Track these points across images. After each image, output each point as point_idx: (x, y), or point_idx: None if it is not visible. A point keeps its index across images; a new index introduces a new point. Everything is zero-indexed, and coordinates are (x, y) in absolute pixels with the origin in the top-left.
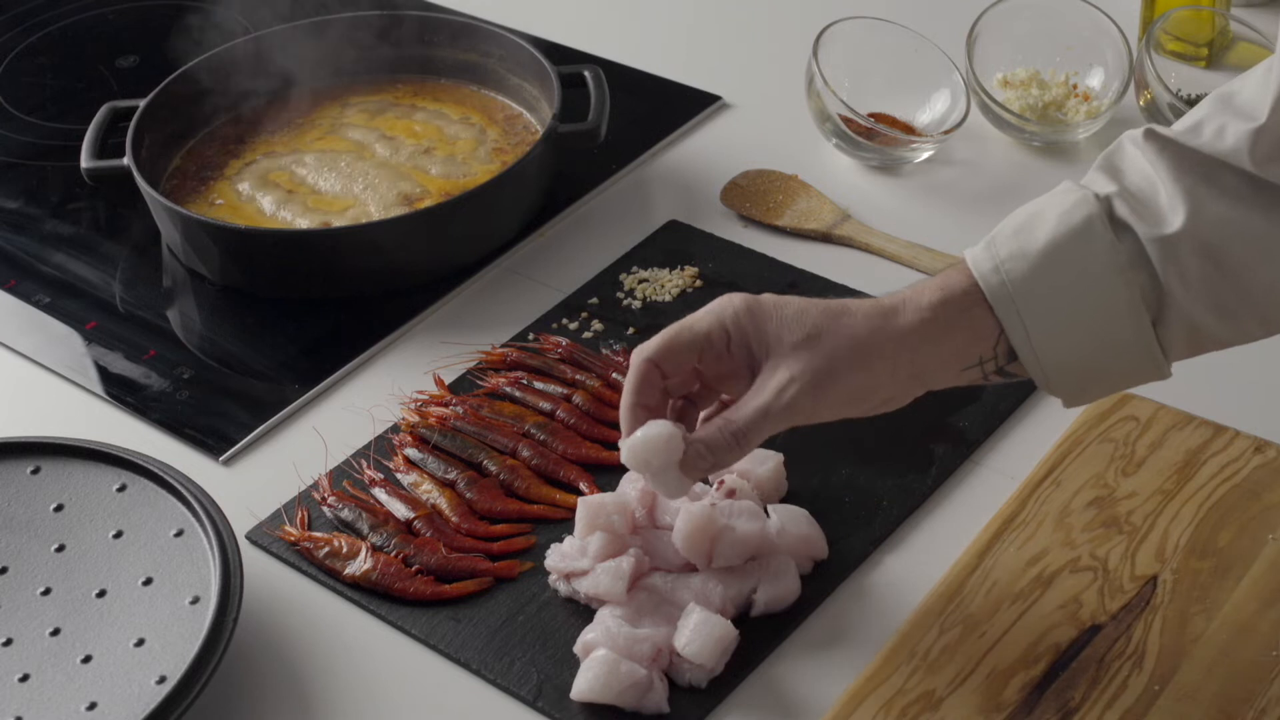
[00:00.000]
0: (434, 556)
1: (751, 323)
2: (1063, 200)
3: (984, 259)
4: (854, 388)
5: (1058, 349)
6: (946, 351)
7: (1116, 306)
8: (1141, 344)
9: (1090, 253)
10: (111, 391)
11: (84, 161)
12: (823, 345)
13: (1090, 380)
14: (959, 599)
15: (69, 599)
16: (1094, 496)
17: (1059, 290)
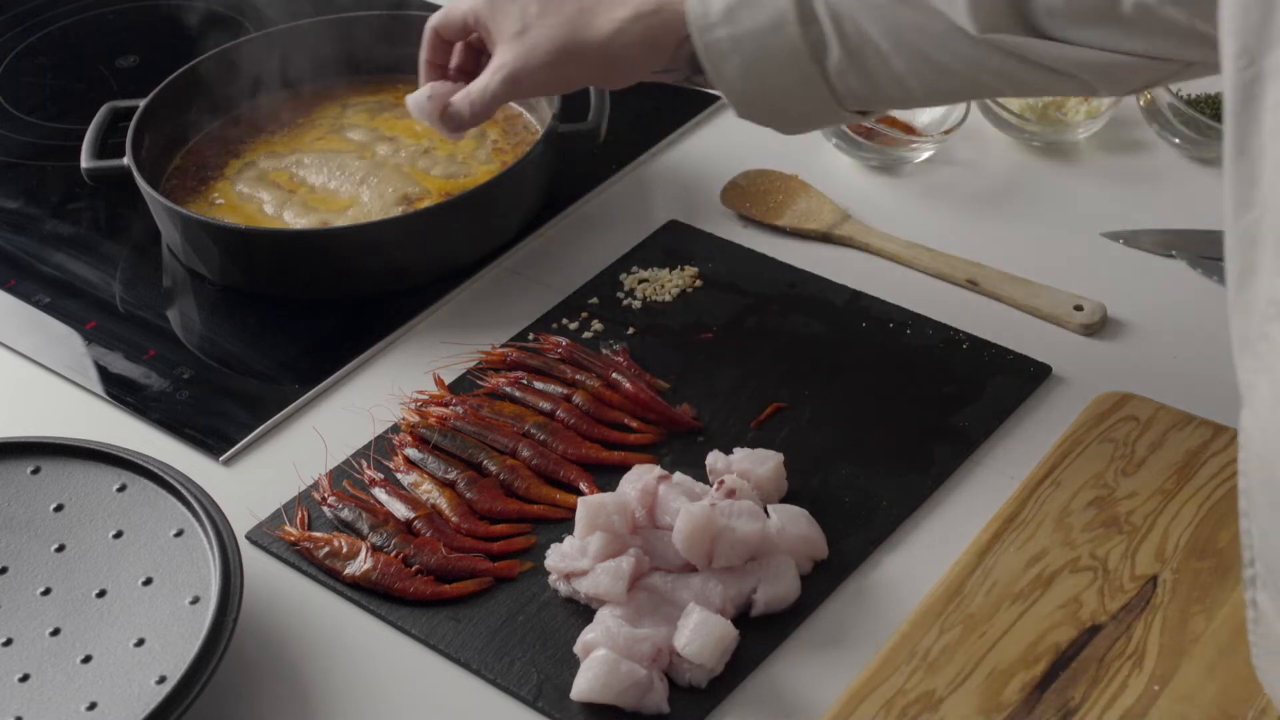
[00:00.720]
0: (434, 556)
1: (488, 10)
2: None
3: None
4: (546, 82)
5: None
6: (632, 58)
7: (786, 52)
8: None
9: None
10: (111, 391)
11: (84, 161)
12: (526, 39)
13: (773, 109)
14: (959, 599)
15: (69, 599)
16: (1094, 496)
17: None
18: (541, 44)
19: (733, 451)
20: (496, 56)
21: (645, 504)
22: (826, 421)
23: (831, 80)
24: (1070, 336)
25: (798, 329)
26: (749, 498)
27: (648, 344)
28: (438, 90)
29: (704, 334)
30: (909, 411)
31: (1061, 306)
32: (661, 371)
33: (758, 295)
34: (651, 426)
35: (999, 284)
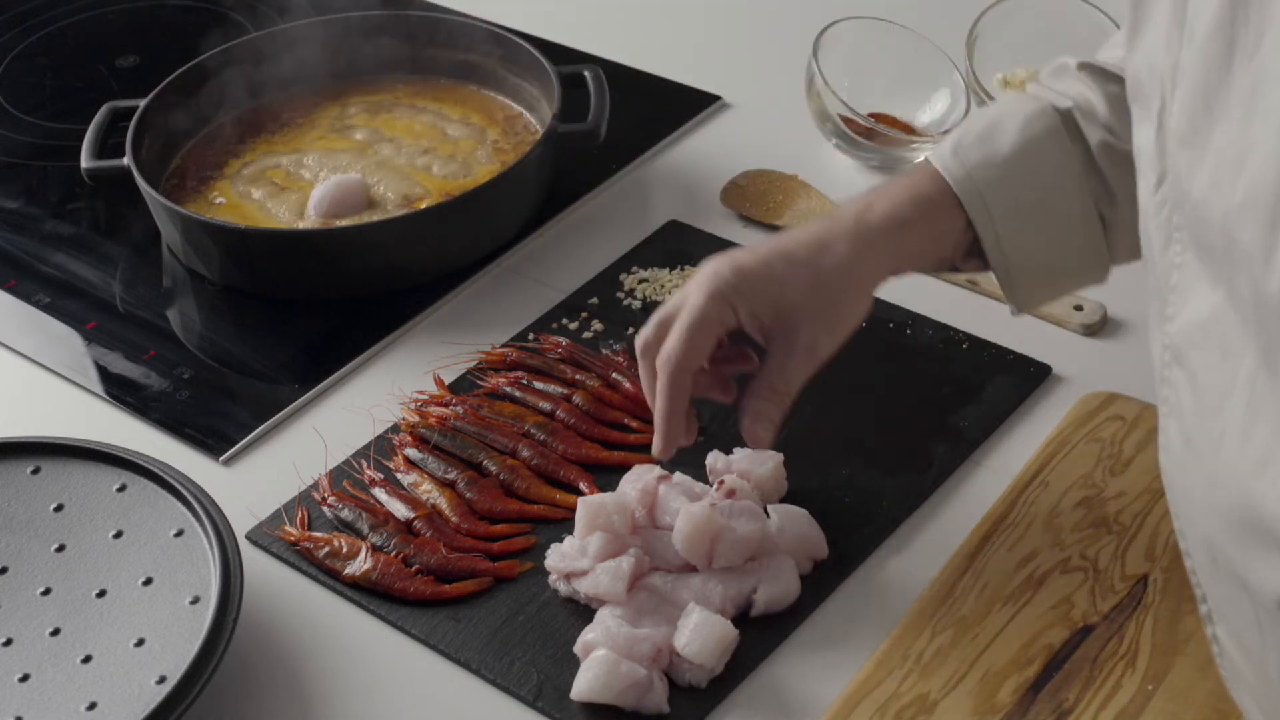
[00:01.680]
0: (434, 556)
1: (753, 293)
2: (1022, 109)
3: (954, 165)
4: (857, 311)
5: (1021, 248)
6: (917, 255)
7: (1075, 210)
8: (1094, 245)
9: (1052, 159)
10: (111, 391)
11: (84, 161)
12: (826, 291)
13: (1045, 280)
14: (950, 601)
15: (69, 599)
16: (1082, 496)
17: (1024, 193)
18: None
19: (733, 451)
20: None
21: (645, 504)
22: (826, 421)
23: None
24: (1070, 336)
25: None
26: (749, 498)
27: None
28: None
29: None
30: (909, 411)
31: (1061, 306)
32: None
33: None
34: (651, 426)
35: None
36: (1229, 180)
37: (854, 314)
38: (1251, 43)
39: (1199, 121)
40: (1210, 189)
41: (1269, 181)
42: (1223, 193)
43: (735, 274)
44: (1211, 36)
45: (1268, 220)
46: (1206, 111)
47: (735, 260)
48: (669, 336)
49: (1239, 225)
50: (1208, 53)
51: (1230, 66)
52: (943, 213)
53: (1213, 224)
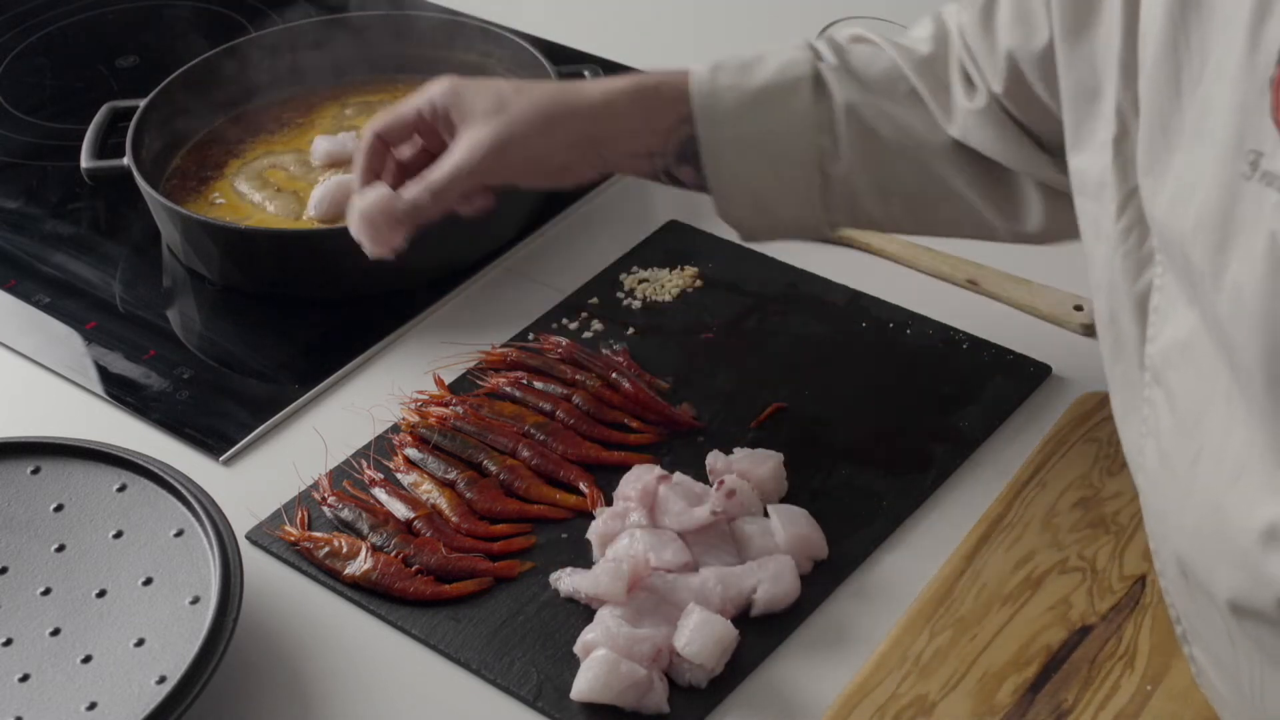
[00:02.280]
0: (434, 556)
1: (454, 97)
2: (786, 54)
3: (706, 78)
4: (532, 151)
5: (736, 174)
6: (622, 129)
7: (794, 158)
8: (807, 197)
9: (788, 108)
10: (111, 391)
11: (84, 161)
12: (508, 111)
13: (755, 211)
14: (949, 602)
15: (69, 599)
16: (1080, 497)
17: (752, 127)
18: (526, 112)
19: (733, 451)
20: (468, 134)
21: (645, 504)
22: (826, 421)
23: (831, 188)
24: (1070, 336)
25: (798, 329)
26: (749, 498)
27: (648, 344)
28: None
29: (704, 334)
30: (909, 411)
31: (1061, 306)
32: (661, 371)
33: (758, 295)
34: (651, 426)
35: (999, 284)
36: (1183, 205)
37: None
38: (1196, 71)
39: (1157, 148)
40: (1169, 213)
41: (1213, 204)
42: (1179, 217)
43: (449, 80)
44: (1158, 65)
45: (1215, 242)
46: (1164, 139)
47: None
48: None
49: (1192, 248)
50: (1157, 83)
51: (1179, 94)
52: (666, 104)
53: (1174, 247)
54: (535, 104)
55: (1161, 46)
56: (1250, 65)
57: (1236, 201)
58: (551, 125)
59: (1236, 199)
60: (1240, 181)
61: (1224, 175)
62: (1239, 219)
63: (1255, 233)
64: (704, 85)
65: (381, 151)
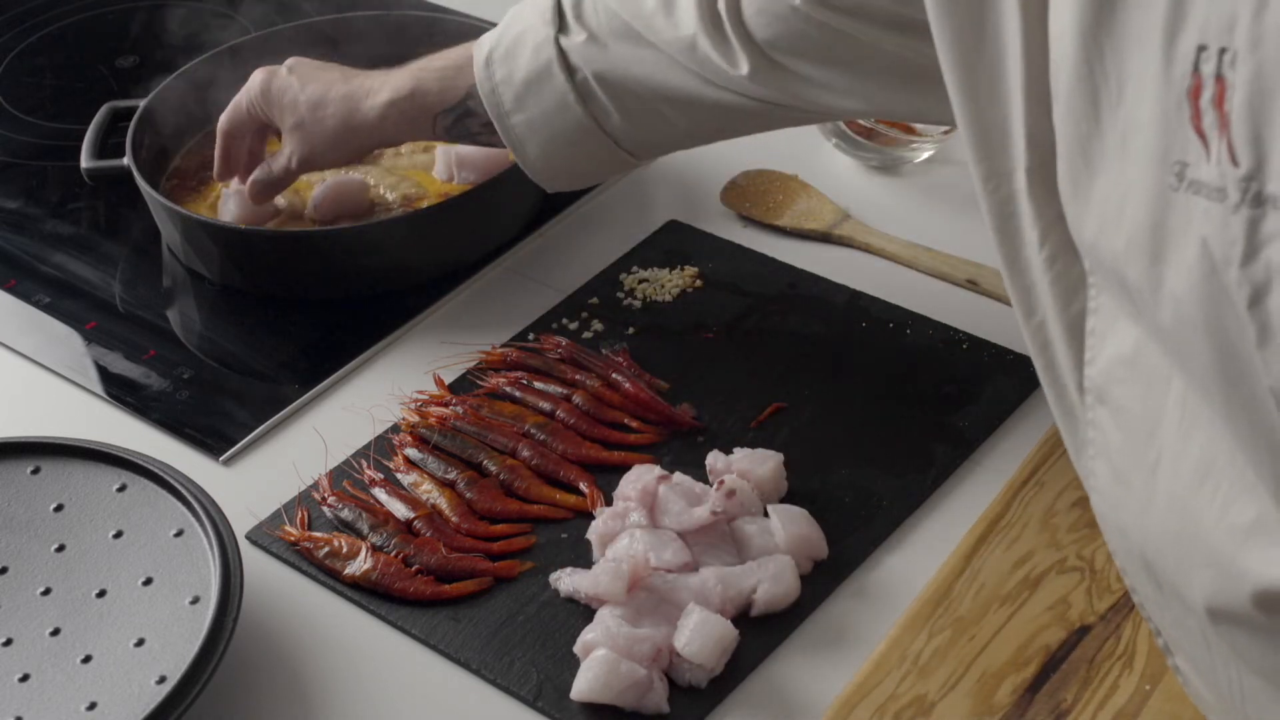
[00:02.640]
0: (434, 556)
1: (265, 104)
2: (534, 36)
3: (484, 76)
4: (341, 156)
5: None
6: (405, 134)
7: (572, 127)
8: (601, 150)
9: (550, 89)
10: (111, 391)
11: (84, 161)
12: (306, 132)
13: (564, 176)
14: (947, 602)
15: (69, 599)
16: (1078, 497)
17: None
18: (320, 135)
19: (733, 451)
20: (286, 143)
21: (645, 504)
22: (826, 421)
23: (620, 142)
24: None
25: (798, 329)
26: (749, 498)
27: (648, 344)
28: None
29: (704, 334)
30: (909, 411)
31: None
32: (661, 371)
33: (758, 295)
34: (651, 426)
35: (999, 284)
36: (1113, 225)
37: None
38: (1114, 94)
39: (1079, 175)
40: (1098, 236)
41: (1143, 220)
42: (1109, 238)
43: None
44: (1073, 93)
45: (1149, 256)
46: (1085, 164)
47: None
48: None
49: (1126, 266)
50: (1074, 110)
51: (1098, 118)
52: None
53: (1107, 268)
54: (326, 129)
55: (1074, 73)
56: (1167, 79)
57: (1166, 214)
58: (345, 141)
59: (1166, 211)
60: (1168, 194)
61: (1151, 190)
62: (1170, 230)
63: (1186, 242)
64: (485, 85)
65: (236, 143)
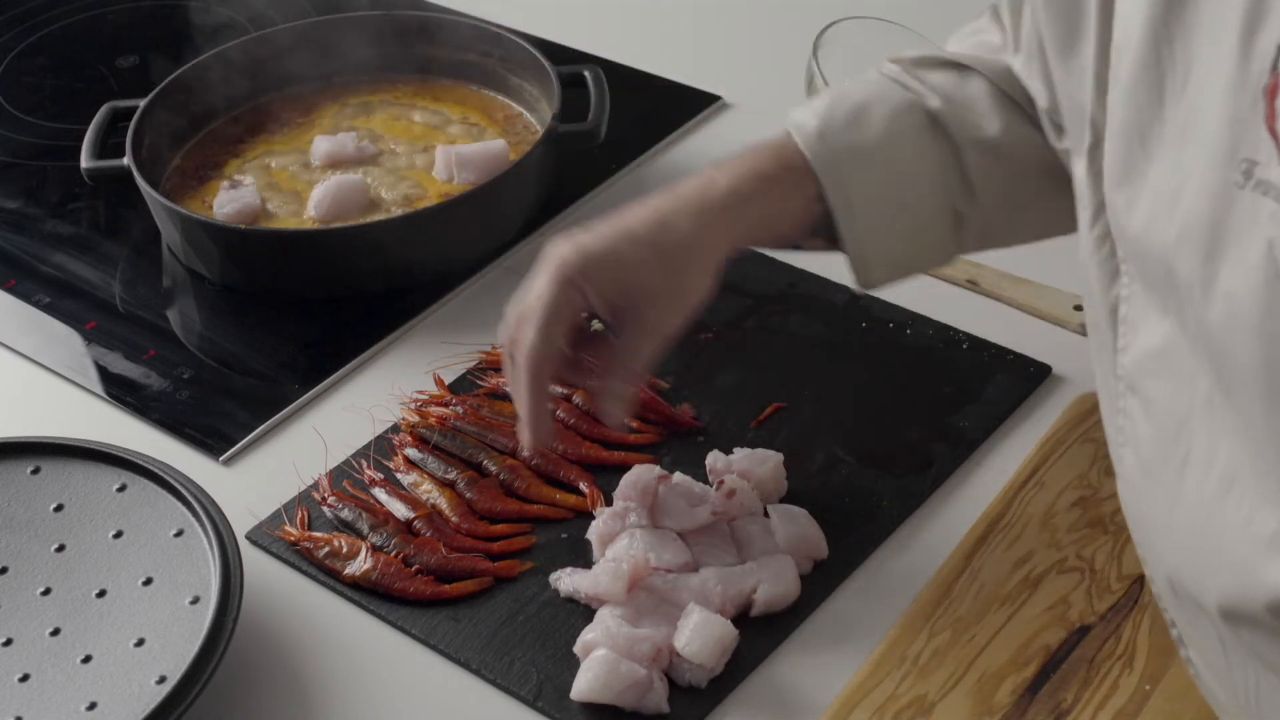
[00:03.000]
0: (434, 556)
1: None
2: (889, 98)
3: (820, 148)
4: (701, 286)
5: (876, 236)
6: (756, 225)
7: (932, 205)
8: (943, 239)
9: (916, 156)
10: (111, 391)
11: (84, 161)
12: (669, 269)
13: (893, 265)
14: (947, 602)
15: (69, 599)
16: (1078, 497)
17: (887, 184)
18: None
19: (733, 451)
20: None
21: (645, 504)
22: (826, 421)
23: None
24: (1070, 336)
25: (798, 329)
26: (749, 498)
27: None
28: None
29: (704, 334)
30: (909, 411)
31: (1061, 306)
32: (661, 371)
33: (758, 295)
34: (651, 426)
35: (999, 284)
36: (1165, 215)
37: (698, 289)
38: (1180, 81)
39: (1134, 159)
40: (1148, 224)
41: (1201, 213)
42: (1160, 227)
43: (580, 258)
44: (1138, 80)
45: (1203, 252)
46: (1142, 149)
47: (579, 244)
48: (524, 330)
49: (1177, 258)
50: (1136, 95)
51: (1161, 105)
52: (790, 188)
53: (1153, 258)
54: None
55: (1142, 58)
56: (1242, 75)
57: (1229, 211)
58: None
59: (1228, 208)
60: (1232, 190)
61: (1214, 184)
62: (1231, 228)
63: (1250, 241)
64: (821, 156)
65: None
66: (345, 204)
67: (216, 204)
